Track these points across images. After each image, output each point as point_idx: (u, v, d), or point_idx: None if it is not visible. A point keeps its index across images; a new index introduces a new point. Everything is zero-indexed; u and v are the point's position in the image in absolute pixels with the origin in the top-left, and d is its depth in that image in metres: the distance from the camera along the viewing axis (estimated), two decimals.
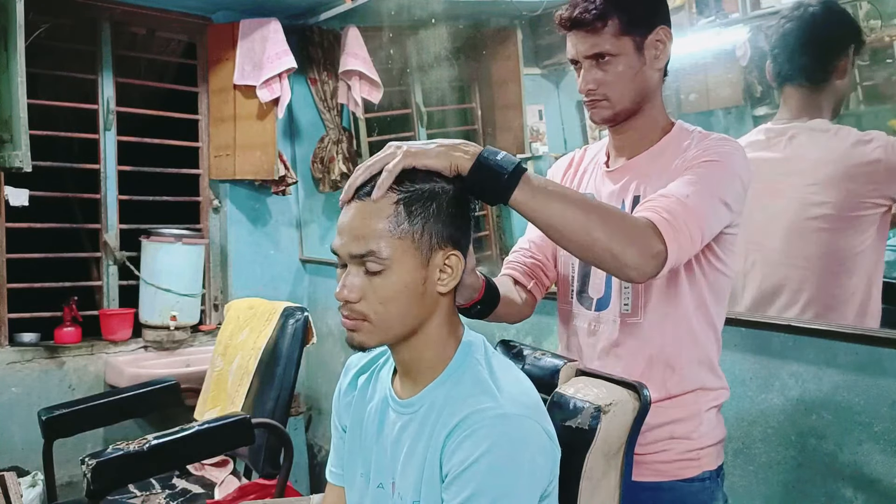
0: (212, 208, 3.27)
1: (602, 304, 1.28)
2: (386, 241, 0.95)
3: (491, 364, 1.02)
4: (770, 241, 1.65)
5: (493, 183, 0.99)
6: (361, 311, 0.97)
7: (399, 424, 1.03)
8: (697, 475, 1.22)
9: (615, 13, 1.20)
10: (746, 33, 2.08)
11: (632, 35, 1.21)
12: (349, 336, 1.00)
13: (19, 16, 2.15)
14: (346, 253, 0.98)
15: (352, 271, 0.98)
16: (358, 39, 3.10)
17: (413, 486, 0.98)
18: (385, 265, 0.96)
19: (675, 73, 1.32)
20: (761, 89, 2.19)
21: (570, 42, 1.26)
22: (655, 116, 1.28)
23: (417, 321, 0.99)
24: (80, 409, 2.15)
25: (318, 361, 3.37)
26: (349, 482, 1.13)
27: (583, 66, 1.25)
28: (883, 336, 1.44)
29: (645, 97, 1.25)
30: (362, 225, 0.97)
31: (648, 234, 1.03)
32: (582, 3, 1.22)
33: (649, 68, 1.24)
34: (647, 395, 1.04)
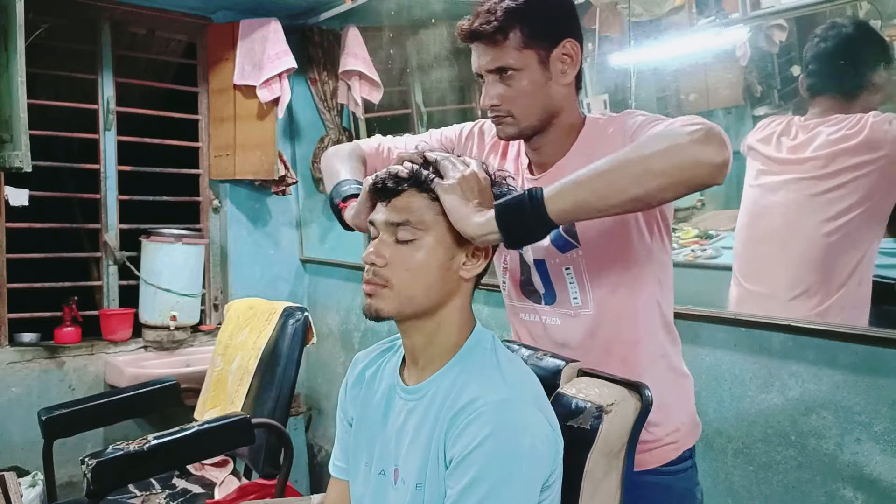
0: (212, 208, 3.27)
1: (549, 298, 1.27)
2: (423, 213, 1.01)
3: (498, 355, 1.04)
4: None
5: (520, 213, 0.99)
6: (385, 275, 1.01)
7: (405, 411, 1.05)
8: (679, 456, 1.22)
9: (518, 25, 1.15)
10: (746, 33, 2.08)
11: (536, 48, 1.16)
12: (366, 304, 1.03)
13: (19, 16, 2.15)
14: (384, 220, 1.03)
15: (383, 238, 1.02)
16: (358, 39, 3.09)
17: (417, 470, 0.99)
18: (417, 236, 1.00)
19: (674, 73, 1.31)
20: (761, 89, 2.19)
21: (473, 54, 1.21)
22: (568, 124, 1.22)
23: (437, 298, 1.02)
24: (80, 409, 2.15)
25: (318, 361, 3.37)
26: (353, 474, 1.14)
27: (486, 80, 1.20)
28: (883, 336, 1.44)
29: (553, 113, 1.20)
30: (403, 200, 1.02)
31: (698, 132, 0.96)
32: (483, 13, 1.17)
33: (556, 83, 1.18)
34: (649, 395, 1.04)
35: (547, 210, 0.98)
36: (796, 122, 1.70)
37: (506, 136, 1.24)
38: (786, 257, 1.68)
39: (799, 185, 1.64)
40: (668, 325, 1.25)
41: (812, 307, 1.60)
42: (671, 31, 2.16)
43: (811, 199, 1.62)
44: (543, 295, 1.27)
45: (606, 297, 1.20)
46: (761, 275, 1.74)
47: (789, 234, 1.67)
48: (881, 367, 1.44)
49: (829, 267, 1.59)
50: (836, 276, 1.58)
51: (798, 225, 1.65)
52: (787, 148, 1.68)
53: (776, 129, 1.73)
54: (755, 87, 2.20)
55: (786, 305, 1.65)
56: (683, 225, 2.34)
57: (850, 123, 1.57)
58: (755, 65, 2.14)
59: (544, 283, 1.26)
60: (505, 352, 1.07)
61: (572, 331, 1.24)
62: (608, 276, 1.20)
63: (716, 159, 0.94)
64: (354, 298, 3.13)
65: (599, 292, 1.21)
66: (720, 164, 0.95)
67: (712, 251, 2.17)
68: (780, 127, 1.73)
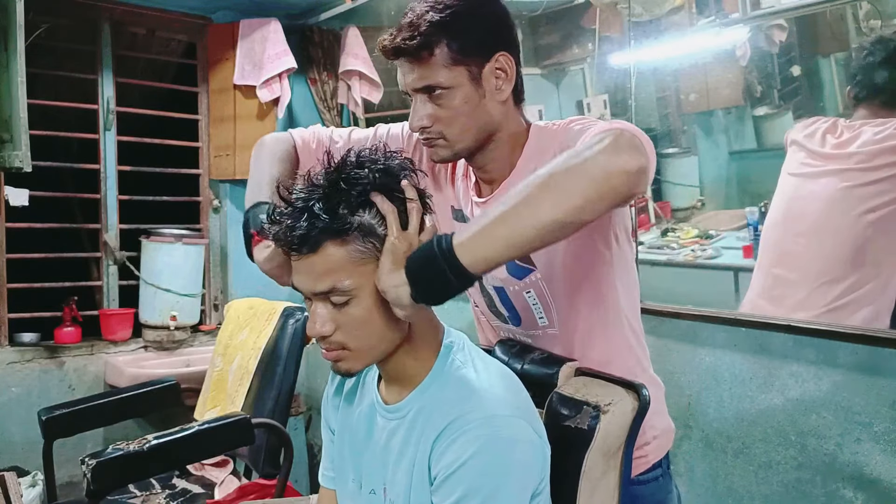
0: (212, 208, 3.27)
1: (514, 321, 1.22)
2: (345, 271, 0.91)
3: (475, 364, 1.00)
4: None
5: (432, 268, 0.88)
6: (339, 341, 0.96)
7: (388, 430, 1.02)
8: (647, 469, 1.18)
9: (444, 40, 1.05)
10: (746, 33, 2.08)
11: (466, 64, 1.07)
12: (334, 367, 0.99)
13: (19, 16, 2.15)
14: (309, 291, 0.94)
15: (319, 305, 0.95)
16: (358, 39, 3.09)
17: (403, 492, 0.98)
18: (351, 295, 0.92)
19: (674, 73, 1.31)
20: (761, 89, 2.19)
21: (399, 72, 1.12)
22: (510, 139, 1.14)
23: (398, 336, 0.98)
24: (80, 409, 2.14)
25: (318, 361, 3.37)
26: (340, 486, 1.13)
27: (414, 100, 1.11)
28: (883, 336, 1.44)
29: (490, 132, 1.12)
30: (316, 261, 0.91)
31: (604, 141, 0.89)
32: (406, 27, 1.07)
33: (490, 100, 1.09)
34: (647, 395, 1.04)
35: (461, 262, 0.87)
36: (842, 123, 1.75)
37: (439, 158, 1.15)
38: (820, 245, 1.71)
39: (840, 177, 1.69)
40: (637, 333, 1.21)
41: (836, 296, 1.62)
42: (671, 31, 2.16)
43: (851, 191, 1.66)
44: (508, 318, 1.24)
45: (573, 316, 1.16)
46: (793, 261, 1.76)
47: (826, 224, 1.71)
48: (881, 367, 1.44)
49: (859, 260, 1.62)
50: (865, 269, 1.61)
51: (835, 215, 1.69)
52: (832, 144, 1.73)
53: (822, 126, 1.78)
54: (755, 87, 2.20)
55: (811, 293, 1.68)
56: (683, 225, 2.34)
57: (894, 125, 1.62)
58: (755, 65, 2.14)
59: (507, 308, 1.23)
60: (482, 358, 1.03)
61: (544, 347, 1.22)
62: (572, 295, 1.15)
63: (629, 167, 0.87)
64: None
65: (565, 312, 1.16)
66: (635, 170, 0.87)
67: (712, 251, 2.17)
68: (825, 125, 1.77)
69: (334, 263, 0.91)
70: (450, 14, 1.07)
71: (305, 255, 0.92)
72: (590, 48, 2.45)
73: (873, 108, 1.71)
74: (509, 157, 1.15)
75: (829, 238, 1.69)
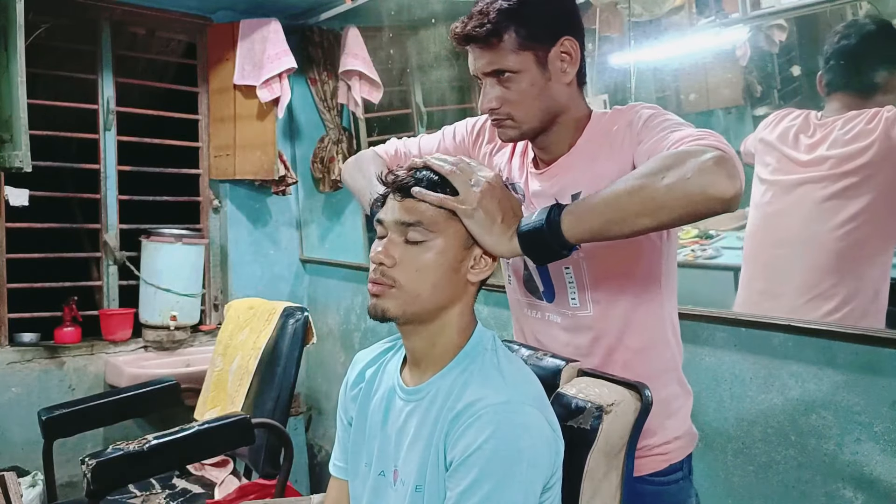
0: (212, 208, 3.27)
1: (548, 296, 1.25)
2: (436, 215, 1.00)
3: (499, 356, 1.04)
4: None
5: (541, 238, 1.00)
6: (393, 275, 1.00)
7: (405, 412, 1.04)
8: (666, 468, 1.20)
9: (512, 26, 1.11)
10: (746, 33, 2.08)
11: (533, 49, 1.12)
12: (372, 304, 1.02)
13: (19, 16, 2.15)
14: (393, 219, 1.02)
15: (392, 238, 1.02)
16: (358, 39, 3.10)
17: (417, 471, 0.99)
18: (428, 237, 1.00)
19: (674, 73, 1.31)
20: (761, 89, 2.19)
21: (470, 57, 1.18)
22: (573, 121, 1.20)
23: (443, 300, 1.02)
24: (80, 409, 2.15)
25: (318, 361, 3.37)
26: (353, 474, 1.14)
27: (484, 83, 1.17)
28: (883, 336, 1.44)
29: (555, 113, 1.17)
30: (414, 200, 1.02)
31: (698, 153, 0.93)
32: (477, 15, 1.13)
33: (556, 83, 1.15)
34: (649, 396, 1.04)
35: (565, 236, 0.98)
36: (813, 119, 1.70)
37: (507, 138, 1.21)
38: (803, 258, 1.68)
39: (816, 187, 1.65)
40: (676, 336, 1.23)
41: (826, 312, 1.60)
42: (671, 31, 2.16)
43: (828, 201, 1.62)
44: (543, 293, 1.26)
45: (608, 301, 1.18)
46: (776, 275, 1.74)
47: (806, 236, 1.67)
48: (881, 367, 1.44)
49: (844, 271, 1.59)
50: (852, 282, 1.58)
51: (811, 228, 1.65)
52: (805, 146, 1.69)
53: (794, 124, 1.73)
54: (755, 87, 2.20)
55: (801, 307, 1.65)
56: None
57: (865, 119, 1.58)
58: (755, 65, 2.14)
59: (543, 282, 1.25)
60: (505, 352, 1.07)
61: (573, 331, 1.23)
62: (611, 280, 1.18)
63: (727, 193, 0.91)
64: (354, 298, 3.13)
65: (600, 295, 1.19)
66: (732, 196, 0.92)
67: (712, 251, 2.17)
68: (797, 121, 1.73)
69: (430, 207, 1.01)
70: (517, 2, 1.12)
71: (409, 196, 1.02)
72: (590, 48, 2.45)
73: (846, 99, 1.65)
74: (569, 137, 1.20)
75: (812, 250, 1.65)
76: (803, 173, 1.68)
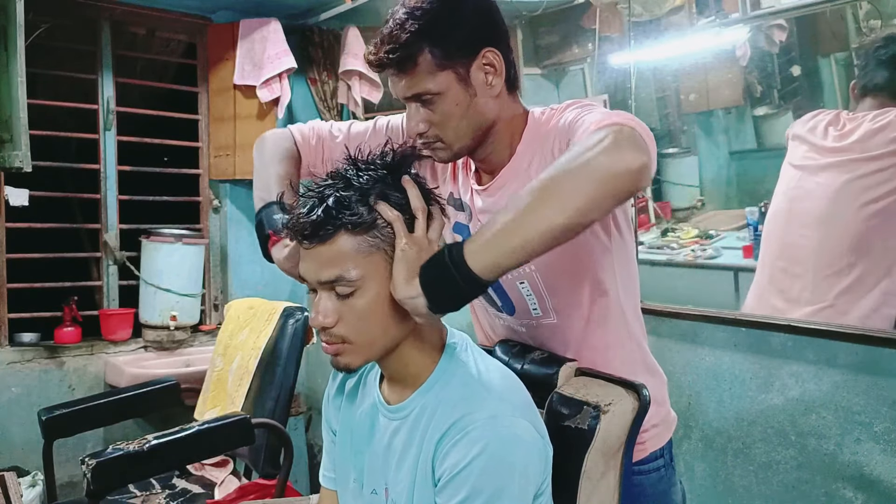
0: (212, 208, 3.27)
1: (508, 309, 1.22)
2: (353, 261, 0.92)
3: (478, 365, 1.01)
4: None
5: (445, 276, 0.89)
6: (340, 334, 0.96)
7: (390, 430, 1.02)
8: (645, 457, 1.17)
9: (426, 47, 1.05)
10: (746, 33, 2.08)
11: (452, 67, 1.06)
12: (334, 361, 0.99)
13: (19, 16, 2.15)
14: (315, 280, 0.95)
15: (323, 296, 0.96)
16: (358, 39, 3.10)
17: (406, 491, 0.98)
18: (356, 285, 0.93)
19: (674, 73, 1.30)
20: (761, 89, 2.19)
21: (389, 81, 1.12)
22: (509, 129, 1.14)
23: (400, 332, 0.98)
24: (80, 409, 2.14)
25: (318, 361, 3.37)
26: (342, 487, 1.13)
27: (408, 107, 1.11)
28: (883, 336, 1.44)
29: (487, 127, 1.11)
30: (325, 250, 0.93)
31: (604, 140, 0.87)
32: (387, 39, 1.07)
33: (482, 97, 1.09)
34: (647, 395, 1.04)
35: (471, 268, 0.88)
36: (844, 115, 1.75)
37: (440, 160, 1.16)
38: (825, 238, 1.71)
39: (842, 169, 1.69)
40: (638, 326, 1.20)
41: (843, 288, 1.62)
42: (671, 31, 2.16)
43: (853, 182, 1.66)
44: (501, 307, 1.24)
45: (568, 305, 1.16)
46: (797, 254, 1.76)
47: (829, 217, 1.70)
48: (881, 367, 1.44)
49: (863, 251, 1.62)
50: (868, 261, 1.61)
51: (838, 207, 1.69)
52: (833, 137, 1.73)
53: (824, 119, 1.78)
54: (755, 87, 2.20)
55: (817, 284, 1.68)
56: (683, 225, 2.34)
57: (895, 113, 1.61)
58: (755, 65, 2.14)
59: (500, 297, 1.22)
60: (483, 358, 1.03)
61: (541, 338, 1.21)
62: (567, 286, 1.15)
63: (632, 165, 0.85)
64: None
65: (560, 301, 1.16)
66: (638, 168, 0.86)
67: (712, 251, 2.17)
68: (828, 117, 1.77)
69: (343, 253, 0.92)
70: (428, 20, 1.06)
71: (316, 245, 0.93)
72: (590, 48, 2.45)
73: (879, 100, 1.70)
74: (509, 145, 1.15)
75: (833, 230, 1.69)
76: (831, 157, 1.72)
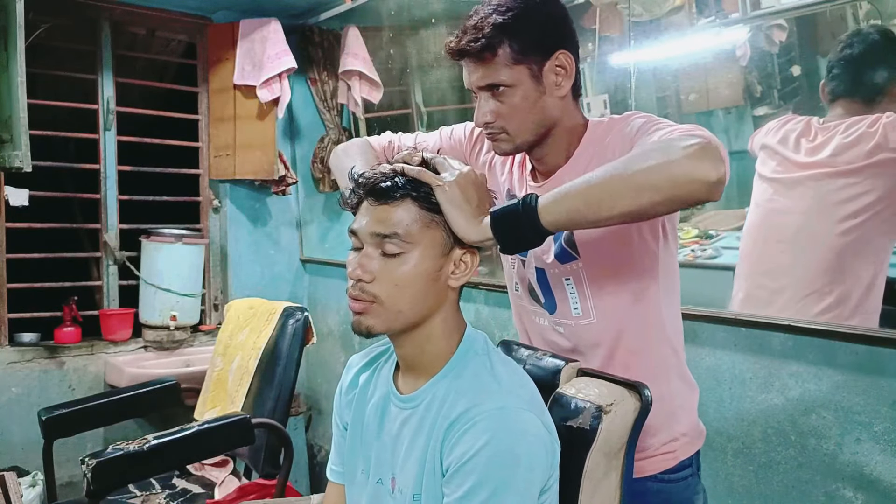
0: (212, 208, 3.27)
1: (549, 307, 1.25)
2: (412, 226, 0.98)
3: (491, 359, 1.03)
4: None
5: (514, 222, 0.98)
6: (373, 292, 0.98)
7: (400, 419, 1.04)
8: (675, 466, 1.20)
9: (506, 41, 1.11)
10: (746, 33, 2.08)
11: (527, 63, 1.12)
12: (355, 320, 1.00)
13: (19, 16, 2.15)
14: (368, 232, 0.99)
15: (368, 252, 0.99)
16: (358, 39, 3.10)
17: (414, 480, 0.99)
18: (405, 248, 0.97)
19: (674, 73, 1.30)
20: (761, 89, 2.19)
21: (464, 70, 1.18)
22: (568, 132, 1.19)
23: (427, 310, 1.00)
24: (80, 409, 2.15)
25: (318, 361, 3.37)
26: (350, 479, 1.14)
27: (479, 97, 1.17)
28: (883, 336, 1.44)
29: (549, 126, 1.17)
30: (389, 210, 0.99)
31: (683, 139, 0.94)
32: (471, 30, 1.13)
33: (550, 96, 1.15)
34: (649, 395, 1.04)
35: (540, 218, 0.97)
36: (815, 124, 1.71)
37: (501, 152, 1.21)
38: (799, 256, 1.69)
39: (816, 184, 1.66)
40: (676, 333, 1.23)
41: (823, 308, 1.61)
42: (671, 31, 2.16)
43: (825, 199, 1.63)
44: (544, 304, 1.26)
45: (609, 307, 1.19)
46: (774, 270, 1.75)
47: (805, 234, 1.68)
48: (881, 367, 1.44)
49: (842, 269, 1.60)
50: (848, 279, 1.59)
51: (812, 225, 1.67)
52: (806, 150, 1.70)
53: (795, 129, 1.74)
54: (755, 87, 2.20)
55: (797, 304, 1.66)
56: (683, 225, 2.34)
57: (866, 124, 1.59)
58: (755, 65, 2.14)
59: (544, 293, 1.25)
60: (498, 355, 1.06)
61: (577, 339, 1.23)
62: (611, 287, 1.18)
63: (710, 176, 0.91)
64: None
65: (602, 302, 1.19)
66: (715, 181, 0.91)
67: (712, 251, 2.17)
68: (799, 126, 1.74)
69: (405, 217, 0.98)
70: (511, 16, 1.12)
71: (382, 204, 0.98)
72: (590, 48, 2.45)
73: (849, 106, 1.67)
74: (566, 149, 1.20)
75: (810, 247, 1.66)
76: (804, 172, 1.69)
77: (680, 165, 0.91)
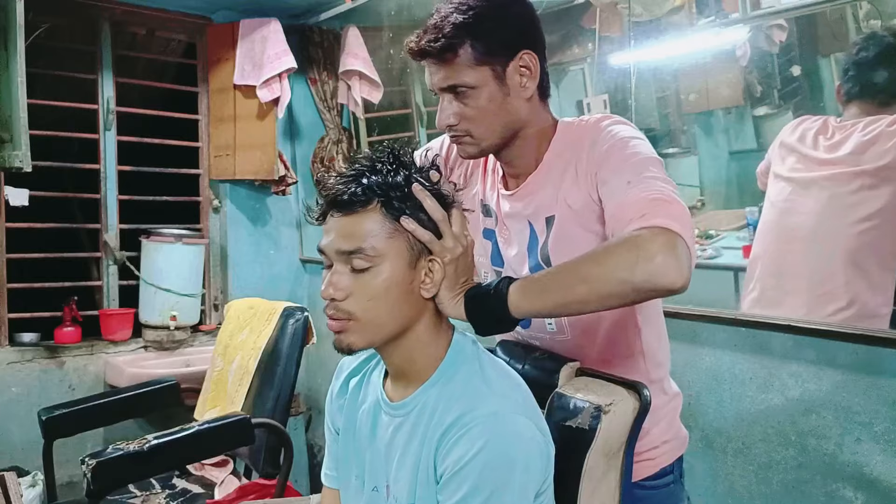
0: (212, 208, 3.27)
1: (524, 323, 1.23)
2: (376, 238, 0.95)
3: (482, 362, 1.01)
4: None
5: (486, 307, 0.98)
6: (348, 309, 0.97)
7: (392, 427, 1.03)
8: (656, 473, 1.19)
9: (468, 41, 1.07)
10: (746, 33, 2.08)
11: (490, 64, 1.09)
12: (337, 339, 0.99)
13: (19, 16, 2.15)
14: (334, 250, 0.97)
15: (338, 269, 0.97)
16: (358, 39, 3.09)
17: (408, 489, 0.98)
18: (373, 262, 0.95)
19: (674, 73, 1.30)
20: (761, 89, 2.19)
21: (426, 71, 1.14)
22: (537, 135, 1.16)
23: (406, 321, 0.99)
24: (80, 409, 2.15)
25: (318, 361, 3.37)
26: (343, 485, 1.13)
27: (441, 98, 1.13)
28: (883, 336, 1.44)
29: (516, 129, 1.14)
30: (352, 222, 0.96)
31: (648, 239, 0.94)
32: (431, 30, 1.10)
33: (515, 98, 1.11)
34: (648, 395, 1.04)
35: (510, 309, 0.98)
36: (832, 123, 1.72)
37: (466, 155, 1.18)
38: (816, 255, 1.69)
39: (833, 184, 1.66)
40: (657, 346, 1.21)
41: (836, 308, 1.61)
42: (671, 31, 2.16)
43: (845, 198, 1.63)
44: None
45: (583, 324, 1.17)
46: (788, 270, 1.74)
47: (820, 233, 1.68)
48: (881, 367, 1.44)
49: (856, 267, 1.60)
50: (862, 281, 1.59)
51: (827, 225, 1.67)
52: (824, 147, 1.70)
53: (813, 127, 1.75)
54: (755, 87, 2.20)
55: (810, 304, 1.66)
56: None
57: (885, 123, 1.59)
58: (755, 65, 2.14)
59: None
60: (489, 358, 1.04)
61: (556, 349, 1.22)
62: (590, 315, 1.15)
63: (675, 283, 0.93)
64: None
65: (576, 319, 1.17)
66: (680, 287, 0.93)
67: (712, 251, 2.17)
68: (816, 125, 1.75)
69: (369, 228, 0.95)
70: (473, 15, 1.09)
71: (344, 215, 0.96)
72: (590, 48, 2.45)
73: (865, 106, 1.68)
74: (536, 152, 1.17)
75: (825, 247, 1.66)
76: (822, 171, 1.69)
77: (645, 272, 0.92)
